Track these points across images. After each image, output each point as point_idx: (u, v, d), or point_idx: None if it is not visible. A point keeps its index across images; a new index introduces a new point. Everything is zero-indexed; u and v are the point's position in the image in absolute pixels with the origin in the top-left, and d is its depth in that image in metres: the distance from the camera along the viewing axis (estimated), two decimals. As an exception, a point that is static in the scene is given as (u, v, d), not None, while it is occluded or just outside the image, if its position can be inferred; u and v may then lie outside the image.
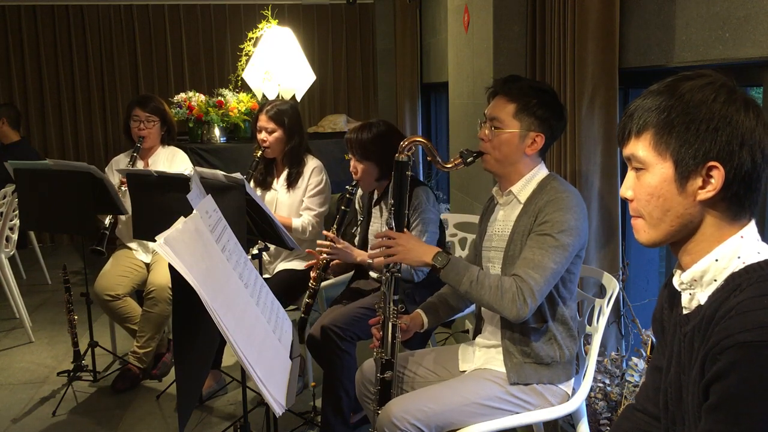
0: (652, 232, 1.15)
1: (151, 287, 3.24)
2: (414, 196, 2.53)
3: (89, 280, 3.36)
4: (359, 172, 2.63)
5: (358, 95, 6.82)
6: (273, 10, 4.86)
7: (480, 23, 3.07)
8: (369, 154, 2.59)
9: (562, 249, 1.83)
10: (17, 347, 3.90)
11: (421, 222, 2.50)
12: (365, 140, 2.59)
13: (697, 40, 1.96)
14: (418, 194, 2.53)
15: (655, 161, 1.11)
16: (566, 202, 1.86)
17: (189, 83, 6.38)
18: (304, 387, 3.10)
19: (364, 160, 2.61)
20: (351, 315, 2.54)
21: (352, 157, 2.65)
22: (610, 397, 2.29)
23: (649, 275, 2.61)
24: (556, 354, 1.94)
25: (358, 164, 2.63)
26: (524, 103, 1.91)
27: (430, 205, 2.54)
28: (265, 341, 1.55)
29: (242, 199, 2.31)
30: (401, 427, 1.84)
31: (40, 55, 6.25)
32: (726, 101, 1.06)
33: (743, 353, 0.96)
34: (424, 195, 2.54)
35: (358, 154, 2.62)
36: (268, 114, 3.05)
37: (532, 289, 1.80)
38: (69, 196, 2.95)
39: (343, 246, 2.59)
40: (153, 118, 3.41)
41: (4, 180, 3.88)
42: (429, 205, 2.53)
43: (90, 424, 2.98)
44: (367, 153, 2.59)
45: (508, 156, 1.94)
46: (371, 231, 2.78)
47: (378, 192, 2.74)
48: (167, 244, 1.30)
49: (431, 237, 2.51)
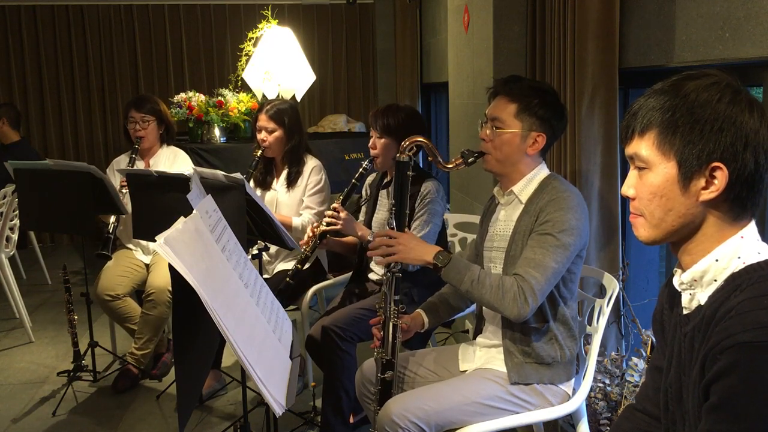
0: (653, 231, 1.14)
1: (151, 289, 3.24)
2: (424, 186, 2.57)
3: (89, 280, 3.37)
4: (378, 147, 2.63)
5: (358, 95, 6.82)
6: (273, 10, 4.86)
7: (480, 23, 3.07)
8: (392, 130, 2.60)
9: (563, 248, 1.83)
10: (17, 347, 3.90)
11: (427, 212, 2.53)
12: (391, 116, 2.61)
13: (697, 40, 1.96)
14: (429, 186, 2.57)
15: (659, 161, 1.11)
16: (567, 202, 1.86)
17: (189, 83, 6.38)
18: (304, 387, 3.10)
19: (386, 135, 2.62)
20: (351, 315, 2.54)
21: (373, 134, 2.66)
22: (610, 397, 2.29)
23: (649, 275, 2.61)
24: (557, 354, 1.94)
25: (379, 140, 2.63)
26: (525, 103, 1.91)
27: (438, 197, 2.57)
28: (265, 341, 1.55)
29: (242, 199, 2.31)
30: (401, 425, 1.84)
31: (40, 55, 6.25)
32: (731, 102, 1.06)
33: (743, 353, 0.96)
34: (434, 187, 2.58)
35: (381, 128, 2.62)
36: (268, 113, 3.05)
37: (533, 288, 1.80)
38: (69, 196, 2.95)
39: (346, 216, 2.58)
40: (148, 118, 3.41)
41: (4, 180, 3.88)
42: (438, 197, 2.57)
43: (90, 424, 2.98)
44: (390, 128, 2.60)
45: (509, 156, 1.94)
46: (375, 218, 2.77)
47: (390, 174, 2.74)
48: (167, 244, 1.30)
49: (434, 229, 2.53)
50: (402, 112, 2.65)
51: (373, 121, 2.65)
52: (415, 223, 2.55)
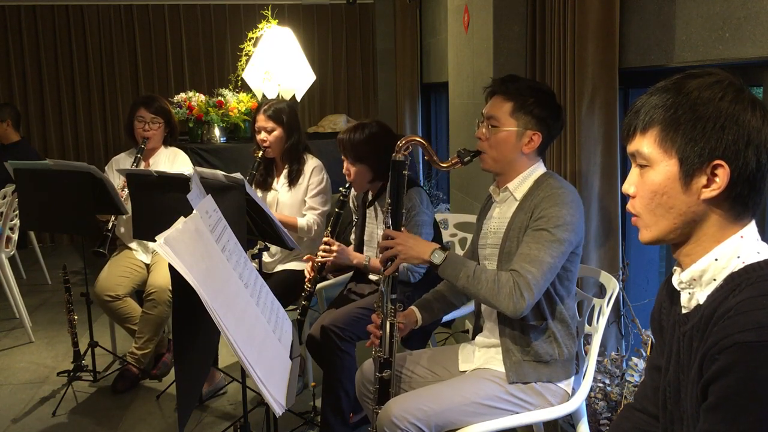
0: (653, 229, 1.15)
1: (151, 289, 3.24)
2: (407, 199, 2.52)
3: (89, 280, 3.36)
4: (352, 174, 2.62)
5: (358, 95, 6.82)
6: (273, 10, 4.86)
7: (480, 23, 3.07)
8: (361, 156, 2.58)
9: (558, 243, 1.84)
10: (17, 347, 3.90)
11: (415, 225, 2.51)
12: (357, 142, 2.57)
13: (697, 40, 1.96)
14: (411, 196, 2.51)
15: (660, 158, 1.11)
16: (562, 198, 1.87)
17: (189, 83, 6.38)
18: (304, 387, 3.10)
19: (356, 162, 2.60)
20: (351, 315, 2.54)
21: (345, 159, 2.64)
22: (610, 397, 2.29)
23: (649, 275, 2.61)
24: (555, 352, 1.94)
25: (351, 166, 2.62)
26: (521, 101, 1.91)
27: (423, 207, 2.53)
28: (265, 341, 1.55)
29: (242, 199, 2.31)
30: (401, 426, 1.84)
31: (40, 55, 6.25)
32: (733, 100, 1.06)
33: (742, 353, 0.96)
34: (417, 197, 2.53)
35: (351, 156, 2.60)
36: (267, 114, 3.05)
37: (529, 283, 1.80)
38: (69, 196, 2.95)
39: (338, 248, 2.59)
40: (158, 119, 3.40)
41: (4, 180, 3.88)
42: (422, 207, 2.53)
43: (90, 424, 2.98)
44: (359, 155, 2.58)
45: (505, 154, 1.95)
46: (366, 233, 2.78)
47: (372, 193, 2.74)
48: (167, 244, 1.30)
49: (425, 238, 2.51)
50: (366, 130, 2.59)
51: (341, 148, 2.62)
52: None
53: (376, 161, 2.56)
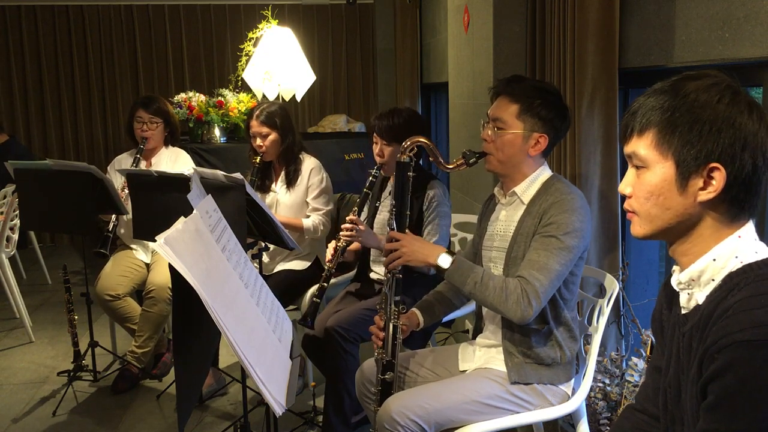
0: (646, 226, 1.16)
1: (151, 287, 3.24)
2: (431, 191, 2.57)
3: (89, 280, 3.37)
4: (386, 155, 2.63)
5: (358, 95, 6.82)
6: (273, 11, 4.86)
7: (480, 23, 3.07)
8: (399, 137, 2.58)
9: (567, 251, 1.82)
10: (17, 347, 3.90)
11: (437, 216, 2.54)
12: (395, 123, 2.60)
13: (697, 40, 1.96)
14: (435, 190, 2.57)
15: (657, 160, 1.11)
16: (571, 204, 1.85)
17: (189, 83, 6.38)
18: (304, 387, 3.10)
19: (393, 142, 2.60)
20: (355, 316, 2.53)
21: (378, 141, 2.65)
22: (610, 397, 2.29)
23: (649, 275, 2.61)
24: (557, 355, 1.94)
25: (386, 147, 2.62)
26: (527, 103, 1.89)
27: (445, 199, 2.60)
28: (265, 341, 1.55)
29: (242, 199, 2.31)
30: (401, 422, 1.84)
31: (40, 55, 6.26)
32: (730, 103, 1.06)
33: (740, 352, 0.96)
34: (440, 191, 2.59)
35: (387, 137, 2.61)
36: (260, 119, 3.04)
37: (536, 290, 1.79)
38: (69, 196, 2.95)
39: (365, 228, 2.56)
40: (156, 119, 3.41)
41: (4, 180, 3.88)
42: (445, 199, 2.59)
43: (90, 424, 2.98)
44: (396, 135, 2.58)
45: (511, 157, 1.93)
46: (377, 219, 2.77)
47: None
48: (167, 244, 1.30)
49: (446, 231, 2.56)
50: (403, 114, 2.64)
51: (378, 127, 2.63)
52: (427, 229, 2.57)
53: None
